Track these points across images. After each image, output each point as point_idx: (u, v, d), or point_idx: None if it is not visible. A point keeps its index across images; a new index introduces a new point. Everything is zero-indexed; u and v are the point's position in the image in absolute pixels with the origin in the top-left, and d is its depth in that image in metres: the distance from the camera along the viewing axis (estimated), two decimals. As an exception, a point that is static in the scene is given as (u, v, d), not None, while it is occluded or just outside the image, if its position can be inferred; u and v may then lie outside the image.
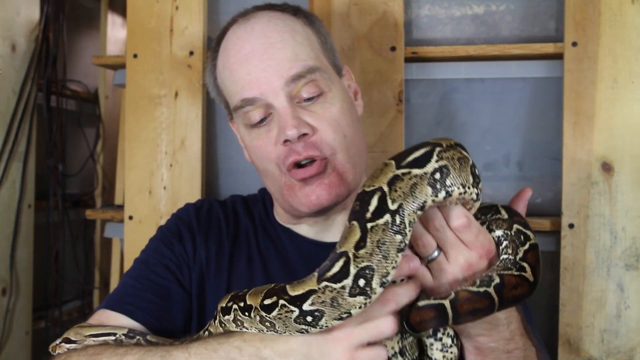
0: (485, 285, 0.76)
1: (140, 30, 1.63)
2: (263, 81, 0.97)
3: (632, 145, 1.42)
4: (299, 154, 0.97)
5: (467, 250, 0.79)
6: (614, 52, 1.43)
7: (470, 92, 1.58)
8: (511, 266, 0.79)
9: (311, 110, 0.98)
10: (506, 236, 0.83)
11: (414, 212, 0.74)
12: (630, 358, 1.41)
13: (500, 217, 0.84)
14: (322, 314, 0.72)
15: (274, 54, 0.98)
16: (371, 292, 0.71)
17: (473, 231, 0.79)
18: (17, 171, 1.98)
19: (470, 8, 1.58)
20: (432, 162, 0.76)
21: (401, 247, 0.72)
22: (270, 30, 1.00)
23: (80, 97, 2.38)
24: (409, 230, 0.73)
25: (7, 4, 1.91)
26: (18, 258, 1.97)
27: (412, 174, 0.74)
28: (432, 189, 0.75)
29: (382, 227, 0.72)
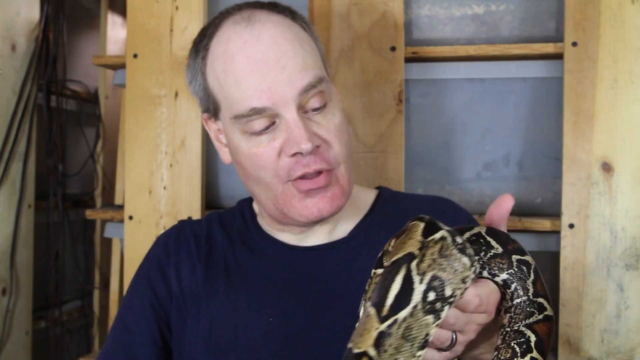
0: (527, 349, 0.70)
1: (140, 30, 1.63)
2: (275, 90, 0.94)
3: (632, 145, 1.42)
4: (308, 166, 0.94)
5: (479, 316, 0.73)
6: (614, 52, 1.43)
7: (470, 92, 1.58)
8: (531, 309, 0.73)
9: (317, 122, 0.97)
10: (512, 277, 0.74)
11: (413, 357, 0.64)
12: (630, 358, 1.41)
13: (495, 253, 0.75)
14: None
15: (286, 64, 0.94)
16: None
17: (484, 303, 0.72)
18: (17, 171, 1.98)
19: (470, 8, 1.58)
20: (415, 287, 0.63)
21: None
22: (279, 38, 0.96)
23: (80, 97, 2.38)
24: None
25: (7, 4, 1.91)
26: (18, 258, 1.97)
27: (400, 320, 0.62)
28: (433, 314, 0.64)
29: None
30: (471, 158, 1.58)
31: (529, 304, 0.73)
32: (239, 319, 1.01)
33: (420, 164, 1.60)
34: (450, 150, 1.59)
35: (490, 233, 0.76)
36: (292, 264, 1.04)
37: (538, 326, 0.71)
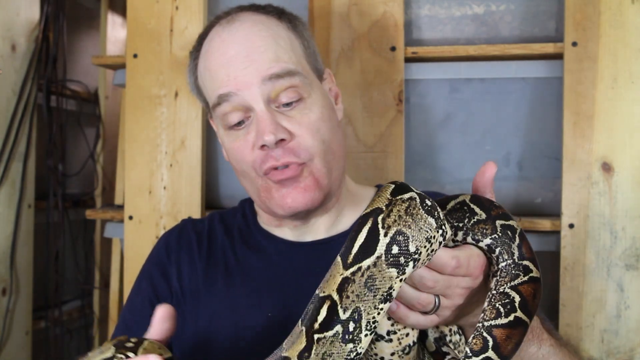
0: (511, 309, 0.71)
1: (140, 30, 1.63)
2: (241, 79, 0.98)
3: (632, 145, 1.42)
4: (276, 159, 0.97)
5: (462, 279, 0.74)
6: (614, 52, 1.43)
7: (470, 92, 1.58)
8: (516, 272, 0.74)
9: (290, 116, 0.99)
10: (496, 242, 0.75)
11: (375, 308, 0.66)
12: (630, 358, 1.41)
13: (479, 219, 0.76)
14: None
15: (256, 57, 0.98)
16: None
17: (464, 265, 0.73)
18: (17, 171, 1.98)
19: (470, 8, 1.58)
20: (380, 239, 0.66)
21: (351, 356, 0.65)
22: (253, 35, 1.00)
23: (80, 97, 2.38)
24: (365, 335, 0.65)
25: (7, 4, 1.91)
26: (18, 258, 1.97)
27: (364, 268, 0.65)
28: (396, 268, 0.66)
29: (331, 339, 0.64)
30: (471, 158, 1.58)
31: (514, 267, 0.74)
32: (239, 314, 1.02)
33: (420, 164, 1.60)
34: (450, 150, 1.59)
35: (474, 200, 0.78)
36: (291, 259, 1.05)
37: (523, 287, 0.72)
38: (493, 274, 0.76)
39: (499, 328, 0.70)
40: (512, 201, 1.58)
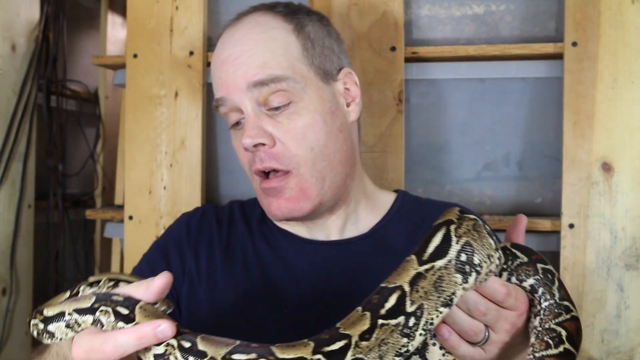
0: (559, 341, 0.75)
1: (140, 30, 1.63)
2: (230, 83, 1.01)
3: (632, 145, 1.42)
4: (260, 163, 0.99)
5: (510, 314, 0.77)
6: (614, 52, 1.43)
7: (470, 92, 1.58)
8: (559, 310, 0.78)
9: (278, 121, 0.99)
10: (539, 282, 0.80)
11: (436, 310, 0.69)
12: (630, 358, 1.41)
13: (521, 262, 0.80)
14: None
15: (244, 61, 1.00)
16: None
17: (512, 295, 0.76)
18: (17, 171, 1.98)
19: (470, 8, 1.58)
20: (453, 245, 0.71)
21: (402, 351, 0.68)
22: (246, 38, 1.01)
23: (80, 97, 2.38)
24: (420, 334, 0.69)
25: (7, 4, 1.91)
26: (18, 258, 1.97)
27: (436, 267, 0.70)
28: (462, 274, 0.70)
29: (392, 327, 0.68)
30: (471, 158, 1.58)
31: (557, 306, 0.79)
32: (254, 308, 1.01)
33: (420, 164, 1.60)
34: (450, 150, 1.59)
35: (515, 246, 0.83)
36: (307, 258, 1.05)
37: (567, 324, 0.77)
38: (536, 314, 0.80)
39: (551, 357, 0.75)
40: (512, 201, 1.58)
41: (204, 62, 1.62)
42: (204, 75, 1.62)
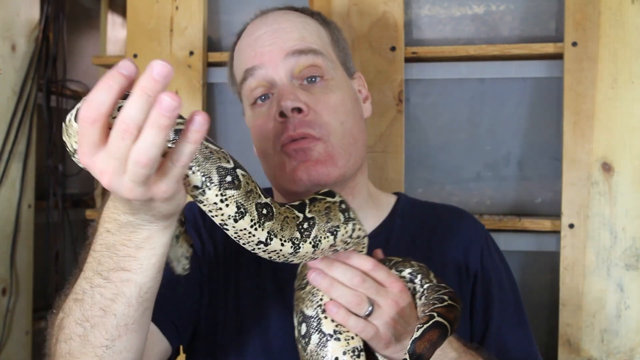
0: (444, 300, 0.81)
1: (140, 30, 1.63)
2: (266, 53, 1.01)
3: (632, 145, 1.42)
4: (293, 129, 0.98)
5: (388, 289, 0.82)
6: (614, 52, 1.43)
7: (470, 92, 1.58)
8: (439, 288, 0.85)
9: (311, 92, 1.00)
10: (415, 271, 0.88)
11: (324, 232, 0.77)
12: (630, 358, 1.41)
13: (397, 261, 0.89)
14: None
15: (281, 35, 1.02)
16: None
17: (383, 269, 0.82)
18: (17, 171, 1.97)
19: (470, 8, 1.58)
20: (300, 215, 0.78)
21: (293, 241, 0.75)
22: (282, 19, 1.04)
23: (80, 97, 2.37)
24: (309, 243, 0.75)
25: (7, 4, 1.91)
26: (18, 258, 1.97)
27: (326, 200, 0.81)
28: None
29: (293, 217, 0.76)
30: (471, 158, 1.58)
31: (436, 286, 0.87)
32: (266, 301, 1.01)
33: (420, 164, 1.60)
34: (450, 150, 1.59)
35: (384, 258, 0.91)
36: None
37: (448, 293, 0.84)
38: (420, 296, 0.87)
39: (439, 308, 0.80)
40: (512, 201, 1.58)
41: (204, 62, 1.62)
42: (204, 75, 1.62)
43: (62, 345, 0.75)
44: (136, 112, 0.55)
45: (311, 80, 1.01)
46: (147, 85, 0.55)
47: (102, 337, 0.72)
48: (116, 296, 0.70)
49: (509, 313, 1.05)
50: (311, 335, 0.81)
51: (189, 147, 0.60)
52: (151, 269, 0.70)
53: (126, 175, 0.58)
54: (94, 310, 0.71)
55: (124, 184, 0.59)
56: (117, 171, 0.58)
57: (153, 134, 0.56)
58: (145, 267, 0.69)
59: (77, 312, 0.73)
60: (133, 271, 0.69)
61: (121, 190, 0.59)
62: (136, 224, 0.67)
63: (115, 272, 0.70)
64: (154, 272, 0.70)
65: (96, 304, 0.71)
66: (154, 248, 0.69)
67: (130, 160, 0.57)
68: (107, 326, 0.71)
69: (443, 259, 1.06)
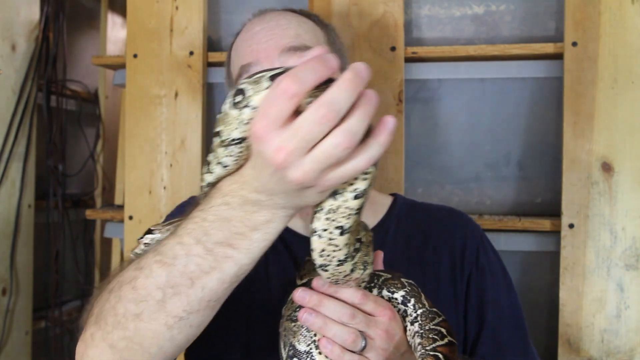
0: (444, 336, 0.81)
1: (140, 30, 1.63)
2: (262, 50, 1.02)
3: (632, 145, 1.42)
4: None
5: (377, 319, 0.80)
6: (614, 52, 1.43)
7: (470, 92, 1.58)
8: (432, 315, 0.85)
9: None
10: (408, 294, 0.86)
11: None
12: (630, 358, 1.41)
13: (386, 278, 0.87)
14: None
15: (277, 32, 1.03)
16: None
17: (371, 299, 0.80)
18: (17, 171, 1.98)
19: (470, 8, 1.58)
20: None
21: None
22: (279, 17, 1.06)
23: (80, 97, 2.38)
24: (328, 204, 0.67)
25: (7, 4, 1.91)
26: (18, 258, 1.97)
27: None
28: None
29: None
30: (471, 158, 1.58)
31: (429, 312, 0.85)
32: (254, 302, 1.01)
33: (420, 164, 1.60)
34: (450, 150, 1.59)
35: (377, 271, 0.88)
36: (297, 251, 1.04)
37: (443, 324, 0.83)
38: (412, 321, 0.85)
39: (443, 347, 0.79)
40: (512, 201, 1.58)
41: (204, 62, 1.62)
42: (204, 75, 1.62)
43: (130, 306, 0.71)
44: (344, 100, 0.57)
45: None
46: (355, 79, 0.57)
47: (180, 307, 0.70)
48: (212, 270, 0.68)
49: (505, 313, 1.05)
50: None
51: (377, 148, 0.60)
52: (257, 253, 0.68)
53: (308, 157, 0.58)
54: (182, 278, 0.69)
55: (302, 165, 0.59)
56: (299, 152, 0.58)
57: (359, 122, 0.58)
58: (253, 250, 0.68)
59: (161, 277, 0.70)
60: (240, 250, 0.68)
61: (295, 171, 0.59)
62: (263, 205, 0.66)
63: (221, 247, 0.68)
64: (258, 257, 0.69)
65: (187, 273, 0.68)
66: (268, 233, 0.68)
67: (325, 144, 0.57)
68: (190, 297, 0.69)
69: (438, 259, 1.06)
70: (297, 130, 0.58)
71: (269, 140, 0.59)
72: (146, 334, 0.71)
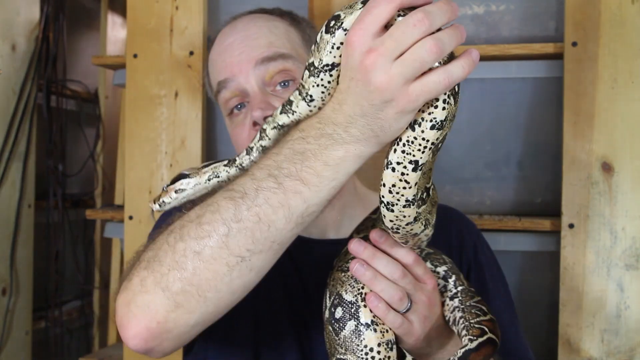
0: (486, 312, 0.82)
1: (140, 30, 1.63)
2: (235, 64, 1.02)
3: (632, 145, 1.42)
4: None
5: (423, 285, 0.81)
6: (614, 52, 1.43)
7: (470, 92, 1.58)
8: (471, 294, 0.86)
9: (283, 97, 1.01)
10: (450, 270, 0.88)
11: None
12: (630, 358, 1.41)
13: (429, 252, 0.88)
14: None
15: (249, 43, 1.02)
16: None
17: (421, 265, 0.81)
18: (17, 171, 1.98)
19: (470, 8, 1.58)
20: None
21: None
22: (250, 26, 1.05)
23: (80, 97, 2.38)
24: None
25: (7, 4, 1.91)
26: (18, 258, 1.97)
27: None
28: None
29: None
30: (471, 158, 1.58)
31: (469, 290, 0.87)
32: (259, 302, 1.00)
33: (420, 164, 1.60)
34: (450, 150, 1.59)
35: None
36: (306, 256, 1.04)
37: (482, 304, 0.84)
38: (452, 297, 0.87)
39: (486, 322, 0.81)
40: (512, 201, 1.58)
41: (204, 62, 1.61)
42: (204, 75, 1.62)
43: (192, 243, 0.69)
44: (439, 13, 0.60)
45: (284, 84, 1.02)
46: (450, 4, 0.61)
47: (244, 245, 0.68)
48: (280, 206, 0.68)
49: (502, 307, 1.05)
50: (347, 321, 0.80)
51: (460, 70, 0.62)
52: (326, 192, 0.68)
53: (397, 61, 0.60)
54: (250, 212, 0.68)
55: (389, 68, 0.60)
56: (389, 54, 0.59)
57: (449, 37, 0.60)
58: (322, 188, 0.68)
59: (228, 211, 0.68)
60: (309, 186, 0.68)
61: (380, 74, 0.60)
62: (338, 140, 0.67)
63: (291, 180, 0.68)
64: (327, 197, 0.69)
65: (255, 207, 0.68)
66: (339, 172, 0.68)
67: (415, 47, 0.59)
68: (255, 235, 0.68)
69: None
70: (391, 32, 0.59)
71: (360, 44, 0.61)
72: (205, 274, 0.69)
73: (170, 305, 0.69)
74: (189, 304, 0.69)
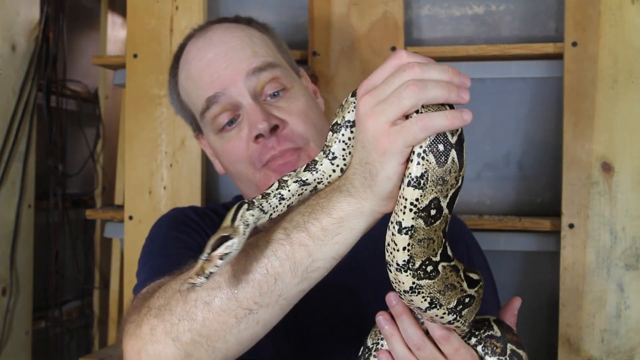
0: None
1: (140, 30, 1.63)
2: (225, 78, 1.01)
3: (632, 145, 1.42)
4: (274, 149, 0.98)
5: None
6: (614, 52, 1.43)
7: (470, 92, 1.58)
8: None
9: (278, 106, 1.01)
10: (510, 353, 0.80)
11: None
12: (630, 358, 1.41)
13: (493, 334, 0.79)
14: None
15: (234, 55, 1.01)
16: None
17: (453, 344, 0.74)
18: (17, 171, 1.98)
19: (470, 8, 1.58)
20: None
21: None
22: (228, 37, 1.04)
23: (80, 97, 2.38)
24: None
25: (7, 4, 1.91)
26: (18, 258, 1.97)
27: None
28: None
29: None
30: (471, 158, 1.58)
31: None
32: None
33: (420, 164, 1.60)
34: (450, 150, 1.59)
35: (497, 321, 0.81)
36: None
37: None
38: None
39: None
40: (512, 201, 1.58)
41: (204, 62, 1.62)
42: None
43: (203, 294, 0.70)
44: (437, 75, 0.66)
45: (274, 95, 1.02)
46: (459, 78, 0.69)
47: (252, 298, 0.69)
48: (287, 259, 0.68)
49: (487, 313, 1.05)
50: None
51: (442, 121, 0.68)
52: (330, 248, 0.68)
53: (381, 102, 0.64)
54: (258, 265, 0.69)
55: (373, 109, 0.64)
56: (377, 96, 0.64)
57: (440, 80, 0.67)
58: (326, 242, 0.68)
59: (238, 264, 0.70)
60: (314, 239, 0.68)
61: (367, 116, 0.64)
62: (344, 191, 0.68)
63: (297, 232, 0.68)
64: (331, 254, 0.69)
65: (263, 259, 0.69)
66: (342, 226, 0.68)
67: (398, 89, 0.63)
68: (262, 288, 0.69)
69: None
70: (387, 80, 0.65)
71: (363, 92, 0.66)
72: (214, 325, 0.70)
73: (181, 355, 0.71)
74: (199, 353, 0.71)
